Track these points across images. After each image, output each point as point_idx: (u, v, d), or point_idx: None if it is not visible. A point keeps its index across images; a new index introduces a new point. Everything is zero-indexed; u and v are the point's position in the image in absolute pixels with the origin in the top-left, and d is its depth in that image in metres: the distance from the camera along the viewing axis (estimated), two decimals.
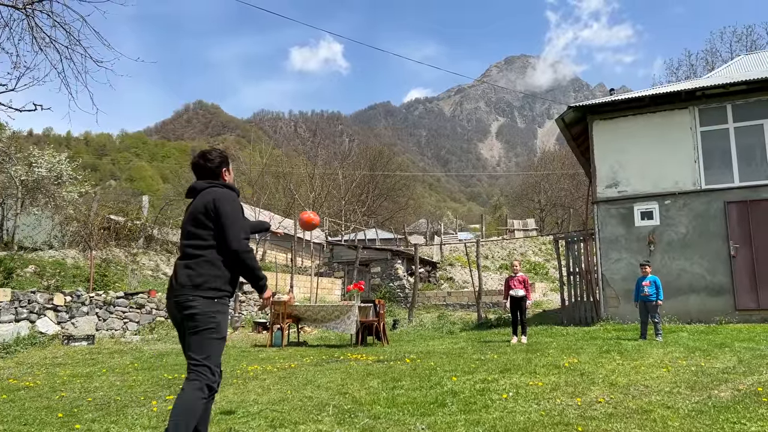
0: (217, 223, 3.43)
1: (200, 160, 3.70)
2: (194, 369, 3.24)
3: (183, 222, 3.63)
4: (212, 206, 3.45)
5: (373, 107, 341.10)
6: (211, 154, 3.75)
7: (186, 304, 3.30)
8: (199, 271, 3.35)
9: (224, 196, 3.52)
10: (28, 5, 11.11)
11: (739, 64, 18.76)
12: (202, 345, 3.29)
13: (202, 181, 3.67)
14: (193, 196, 3.63)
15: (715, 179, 13.13)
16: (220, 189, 3.59)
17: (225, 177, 3.73)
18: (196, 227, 3.46)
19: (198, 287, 3.31)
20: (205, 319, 3.29)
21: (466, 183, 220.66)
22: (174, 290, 3.39)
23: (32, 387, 6.92)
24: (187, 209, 3.66)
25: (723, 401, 4.89)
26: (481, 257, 23.71)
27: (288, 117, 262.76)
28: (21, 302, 11.96)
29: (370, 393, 5.83)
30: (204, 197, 3.53)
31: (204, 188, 3.60)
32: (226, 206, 3.46)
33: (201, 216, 3.45)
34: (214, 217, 3.43)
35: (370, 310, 12.43)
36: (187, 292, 3.31)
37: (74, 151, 63.23)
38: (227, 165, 3.77)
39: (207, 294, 3.33)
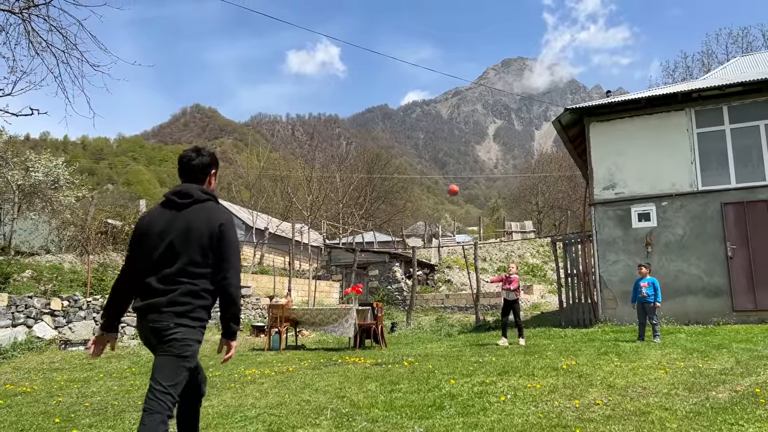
0: (220, 253, 3.11)
1: (192, 153, 3.35)
2: (157, 397, 2.95)
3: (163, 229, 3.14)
4: (218, 233, 3.11)
5: (371, 110, 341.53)
6: (204, 150, 3.41)
7: (167, 331, 3.01)
8: (185, 300, 3.05)
9: (231, 222, 3.19)
10: (24, 10, 11.10)
11: (735, 65, 18.82)
12: (174, 372, 3.02)
13: (196, 187, 3.27)
14: (185, 203, 3.20)
15: (712, 181, 13.16)
16: (222, 209, 3.27)
17: (211, 180, 3.41)
18: (194, 253, 3.09)
19: (182, 315, 3.03)
20: (183, 347, 3.03)
21: (464, 185, 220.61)
22: (151, 312, 3.05)
23: (29, 392, 6.90)
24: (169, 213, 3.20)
25: (721, 402, 4.89)
26: (479, 260, 23.71)
27: (285, 120, 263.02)
28: (18, 307, 11.92)
29: (368, 396, 5.82)
30: (206, 215, 3.16)
31: (203, 199, 3.22)
32: (233, 236, 3.16)
33: (204, 240, 3.09)
34: (217, 245, 3.11)
35: (368, 313, 12.43)
36: (168, 319, 3.01)
37: (71, 156, 63.15)
38: (216, 169, 3.44)
39: (190, 323, 3.06)
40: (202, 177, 3.34)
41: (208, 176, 3.37)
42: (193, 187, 3.26)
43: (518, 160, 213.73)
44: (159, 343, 3.04)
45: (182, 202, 3.20)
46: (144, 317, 3.09)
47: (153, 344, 3.09)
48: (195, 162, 3.32)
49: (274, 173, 48.16)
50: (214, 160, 3.41)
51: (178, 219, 3.16)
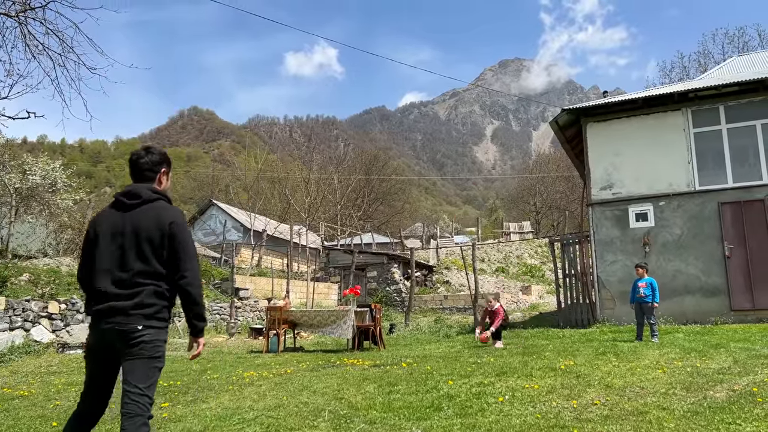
0: (174, 253, 3.08)
1: (142, 151, 3.31)
2: (135, 400, 2.94)
3: (113, 231, 3.12)
4: (169, 231, 3.08)
5: (369, 111, 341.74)
6: (154, 148, 3.37)
7: (135, 333, 2.99)
8: (149, 301, 3.03)
9: (182, 221, 3.17)
10: (21, 13, 11.10)
11: (731, 65, 18.86)
12: (148, 373, 3.02)
13: (145, 187, 3.23)
14: (134, 204, 3.17)
15: (709, 180, 13.18)
16: (172, 207, 3.24)
17: (162, 179, 3.34)
18: (148, 253, 3.06)
19: (150, 317, 3.03)
20: (153, 348, 3.03)
21: (462, 186, 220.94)
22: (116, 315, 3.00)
23: (27, 396, 6.88)
24: (118, 214, 3.18)
25: (718, 402, 4.90)
26: (478, 260, 23.71)
27: (283, 122, 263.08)
28: (15, 311, 11.91)
29: (366, 398, 5.82)
30: (155, 214, 3.13)
31: (152, 199, 3.18)
32: (185, 234, 3.13)
33: (155, 239, 3.07)
34: (168, 244, 3.08)
35: (367, 314, 12.42)
36: (135, 321, 2.99)
37: (69, 159, 63.07)
38: (168, 168, 3.38)
39: (158, 324, 3.06)
40: (151, 176, 3.29)
41: (158, 175, 3.31)
42: (141, 186, 3.22)
43: (516, 161, 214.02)
44: (126, 346, 3.01)
45: (131, 203, 3.17)
46: (104, 320, 3.05)
47: (118, 347, 3.04)
48: (143, 160, 3.27)
49: (272, 175, 48.16)
50: (164, 158, 3.36)
51: (127, 220, 3.13)
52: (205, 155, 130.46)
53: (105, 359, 3.11)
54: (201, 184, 61.69)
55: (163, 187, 3.34)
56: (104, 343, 3.08)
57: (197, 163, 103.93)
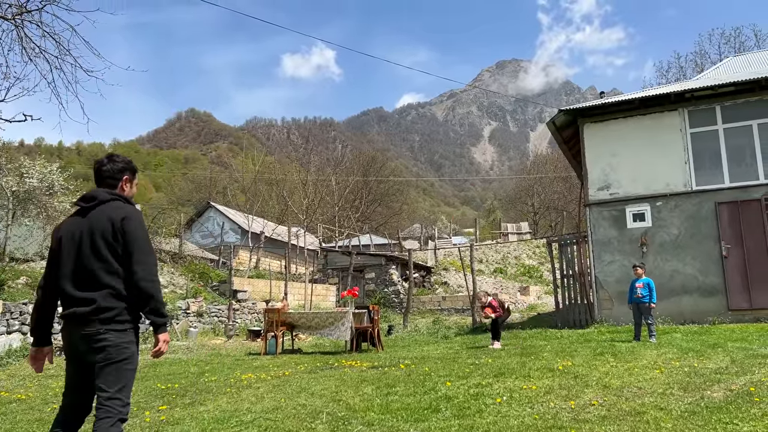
0: (126, 249, 3.07)
1: (105, 160, 3.34)
2: (104, 405, 2.97)
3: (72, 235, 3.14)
4: (120, 227, 3.07)
5: (366, 113, 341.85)
6: (118, 157, 3.38)
7: (97, 338, 2.99)
8: (107, 303, 3.01)
9: (135, 216, 3.15)
10: (17, 16, 11.08)
11: (727, 65, 18.91)
12: (117, 376, 3.02)
13: (103, 190, 3.25)
14: (91, 206, 3.18)
15: (706, 180, 13.21)
16: (127, 205, 3.23)
17: (125, 186, 3.35)
18: (102, 250, 3.05)
19: (109, 321, 3.01)
20: (119, 351, 3.02)
21: (460, 187, 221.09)
22: (78, 321, 3.03)
23: (24, 399, 6.87)
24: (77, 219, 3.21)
25: (716, 402, 4.90)
26: (476, 261, 23.73)
27: (281, 124, 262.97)
28: (12, 314, 11.88)
29: (364, 400, 5.82)
30: (108, 212, 3.12)
31: (107, 199, 3.19)
32: (138, 230, 3.11)
33: (108, 236, 3.05)
34: (122, 241, 3.06)
35: (365, 316, 12.41)
36: (96, 327, 2.99)
37: (66, 161, 62.91)
38: (131, 175, 3.40)
39: (119, 327, 3.04)
40: (112, 182, 3.32)
41: (119, 182, 3.33)
42: (99, 190, 3.26)
43: (514, 162, 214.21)
44: (91, 351, 3.03)
45: (87, 206, 3.20)
46: (71, 325, 3.08)
47: (82, 351, 3.06)
48: (105, 168, 3.31)
49: (270, 177, 48.15)
50: (127, 166, 3.38)
51: (84, 223, 3.15)
52: (202, 157, 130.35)
53: (78, 360, 3.13)
54: (199, 186, 61.63)
55: (126, 194, 3.36)
56: (72, 346, 3.11)
57: (195, 166, 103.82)
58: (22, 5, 11.00)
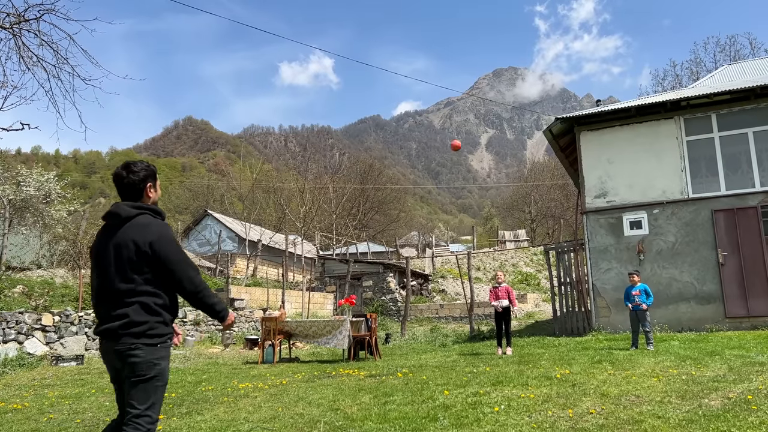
0: (163, 269, 3.11)
1: (123, 171, 3.28)
2: (135, 421, 2.99)
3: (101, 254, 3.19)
4: (149, 250, 3.08)
5: (363, 121, 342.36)
6: (136, 165, 3.33)
7: (128, 353, 3.02)
8: (137, 318, 3.04)
9: (162, 236, 3.14)
10: (15, 25, 11.10)
11: (723, 74, 19.01)
12: (147, 393, 3.05)
13: (125, 204, 3.24)
14: (116, 224, 3.20)
15: (702, 188, 13.25)
16: (153, 221, 3.22)
17: (149, 193, 3.33)
18: (129, 272, 3.08)
19: (140, 336, 3.04)
20: (149, 367, 3.05)
21: (457, 195, 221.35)
22: (111, 337, 3.07)
23: (20, 409, 6.83)
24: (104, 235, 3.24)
25: (713, 410, 4.90)
26: (473, 269, 23.73)
27: (278, 132, 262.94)
28: (8, 323, 11.84)
29: (361, 409, 5.80)
30: (134, 233, 3.12)
31: (131, 216, 3.18)
32: (167, 248, 3.12)
33: (134, 258, 3.07)
34: (153, 262, 3.09)
35: (362, 324, 12.39)
36: (128, 341, 3.02)
37: (63, 169, 62.89)
38: (153, 180, 3.36)
39: (150, 341, 3.07)
40: (136, 193, 3.29)
41: (143, 191, 3.31)
42: (121, 205, 3.23)
43: (511, 169, 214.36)
44: (123, 366, 3.07)
45: (112, 224, 3.22)
46: (105, 341, 3.13)
47: (118, 368, 3.10)
48: (126, 180, 3.27)
49: (267, 185, 48.16)
50: (148, 173, 3.34)
51: (110, 240, 3.17)
52: (200, 165, 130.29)
53: (115, 376, 3.18)
54: (196, 195, 61.62)
55: (151, 201, 3.36)
56: (108, 362, 3.17)
57: (192, 174, 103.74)
58: (20, 14, 11.01)
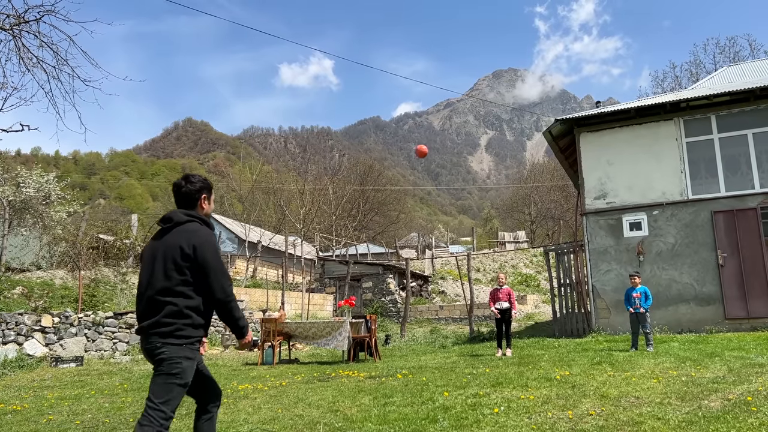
0: (200, 272, 3.30)
1: (182, 181, 3.57)
2: (149, 413, 3.16)
3: (150, 255, 3.40)
4: (192, 253, 3.28)
5: (363, 122, 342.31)
6: (194, 177, 3.62)
7: (155, 351, 3.23)
8: (168, 320, 3.24)
9: (206, 242, 3.36)
10: (15, 26, 11.10)
11: (722, 75, 19.02)
12: (164, 389, 3.21)
13: (180, 212, 3.48)
14: (167, 227, 3.44)
15: (702, 189, 13.26)
16: (201, 228, 3.42)
17: (203, 205, 3.57)
18: (170, 270, 3.29)
19: (167, 335, 3.23)
20: (171, 365, 3.21)
21: (457, 196, 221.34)
22: (143, 335, 3.30)
23: (19, 411, 6.82)
24: (155, 238, 3.47)
25: (713, 411, 4.90)
26: (473, 270, 23.72)
27: (278, 133, 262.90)
28: (8, 324, 11.83)
29: (361, 410, 5.80)
30: (181, 237, 3.34)
31: (182, 222, 3.41)
32: (207, 254, 3.32)
33: (178, 259, 3.28)
34: (193, 265, 3.29)
35: (362, 325, 12.39)
36: (155, 340, 3.22)
37: (63, 171, 62.86)
38: (208, 193, 3.62)
39: (176, 341, 3.24)
40: (191, 202, 3.54)
41: (198, 201, 3.55)
42: (176, 212, 3.49)
43: (510, 171, 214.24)
44: (153, 362, 3.29)
45: (165, 227, 3.46)
46: (141, 340, 3.37)
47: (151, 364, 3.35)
48: (183, 189, 3.53)
49: (267, 186, 48.14)
50: (204, 185, 3.60)
51: (160, 243, 3.41)
52: (199, 167, 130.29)
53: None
54: None
55: (204, 212, 3.60)
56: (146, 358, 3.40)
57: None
58: (20, 15, 11.01)
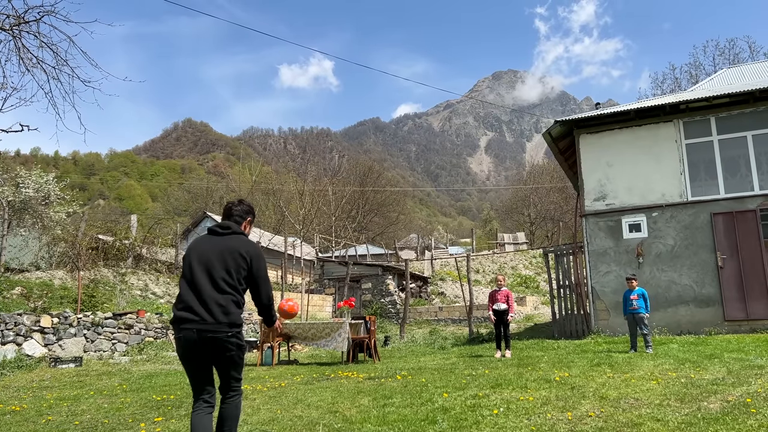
0: (253, 277, 3.84)
1: (236, 201, 4.14)
2: (236, 386, 3.80)
3: (213, 252, 3.80)
4: (249, 259, 3.81)
5: (363, 123, 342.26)
6: (244, 202, 4.15)
7: (226, 339, 3.65)
8: (232, 309, 3.70)
9: (261, 255, 3.93)
10: (15, 27, 11.10)
11: (722, 77, 19.04)
12: (239, 366, 3.81)
13: (233, 223, 3.97)
14: (225, 233, 3.89)
15: (701, 191, 13.27)
16: (254, 243, 3.95)
17: (246, 226, 4.08)
18: (233, 267, 3.75)
19: (233, 325, 3.68)
20: (241, 350, 3.77)
21: (456, 197, 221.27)
22: (206, 323, 3.61)
23: (18, 411, 6.81)
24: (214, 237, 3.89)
25: (712, 413, 4.90)
26: (472, 271, 23.72)
27: (278, 134, 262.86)
28: (7, 325, 11.82)
29: (360, 411, 5.80)
30: (242, 243, 3.84)
31: (239, 232, 3.94)
32: (262, 264, 3.89)
33: (239, 260, 3.77)
34: (249, 269, 3.81)
35: (361, 326, 12.39)
36: (224, 329, 3.64)
37: (62, 171, 62.86)
38: (252, 218, 4.13)
39: (238, 330, 3.74)
40: (239, 221, 4.03)
41: (244, 222, 4.05)
42: (233, 224, 3.97)
43: (510, 172, 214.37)
44: (217, 351, 3.68)
45: (223, 233, 3.91)
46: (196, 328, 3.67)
47: (203, 352, 3.66)
48: (236, 209, 4.05)
49: (267, 187, 48.19)
50: (251, 211, 4.14)
51: (218, 241, 3.86)
52: (199, 167, 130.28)
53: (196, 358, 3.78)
54: (195, 196, 61.52)
55: (246, 233, 4.07)
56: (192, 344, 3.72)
57: (191, 176, 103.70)
58: (20, 16, 11.02)
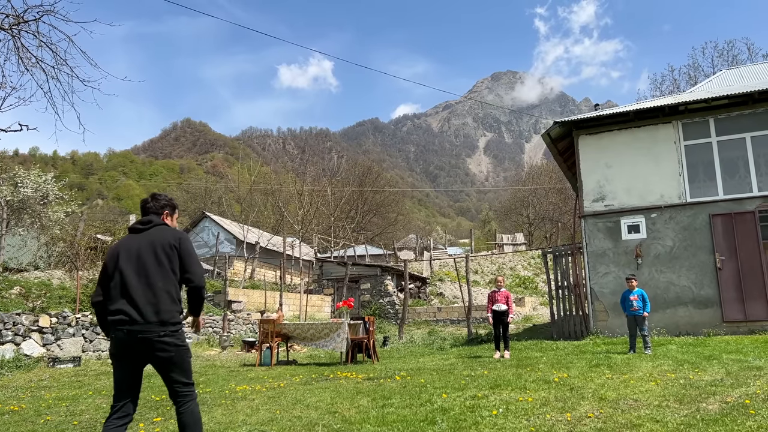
0: (182, 261, 3.68)
1: (149, 198, 4.01)
2: (185, 392, 3.59)
3: (141, 247, 3.69)
4: (177, 244, 3.70)
5: (362, 123, 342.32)
6: (160, 196, 4.04)
7: (158, 339, 3.48)
8: (165, 306, 3.54)
9: (186, 236, 3.84)
10: (14, 26, 11.09)
11: (721, 78, 19.07)
12: (186, 369, 3.63)
13: (153, 216, 3.88)
14: (146, 227, 3.81)
15: (700, 192, 13.29)
16: (179, 230, 3.90)
17: (166, 219, 3.96)
18: (163, 257, 3.63)
19: (165, 324, 3.51)
20: (180, 350, 3.59)
21: (455, 198, 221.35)
22: (137, 323, 3.48)
23: (17, 411, 6.80)
24: (137, 235, 3.79)
25: (711, 414, 4.91)
26: (471, 272, 23.73)
27: (276, 134, 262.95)
28: (6, 324, 11.80)
29: (359, 412, 5.79)
30: (164, 233, 3.75)
31: (159, 224, 3.84)
32: (189, 245, 3.77)
33: (167, 248, 3.65)
34: (178, 255, 3.67)
35: (360, 327, 12.38)
36: (155, 329, 3.47)
37: (61, 171, 62.79)
38: (171, 210, 4.03)
39: (173, 329, 3.56)
40: (156, 216, 3.90)
41: (161, 216, 3.93)
42: (153, 216, 3.89)
43: (509, 173, 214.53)
44: (151, 352, 3.52)
45: (142, 227, 3.83)
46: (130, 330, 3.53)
47: (137, 353, 3.53)
48: (149, 204, 3.95)
49: (265, 187, 48.10)
50: (168, 203, 4.03)
51: (138, 239, 3.74)
52: (198, 167, 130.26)
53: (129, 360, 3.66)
54: (194, 196, 61.50)
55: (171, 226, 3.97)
56: (126, 346, 3.60)
57: (190, 176, 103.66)
58: (19, 15, 11.00)
